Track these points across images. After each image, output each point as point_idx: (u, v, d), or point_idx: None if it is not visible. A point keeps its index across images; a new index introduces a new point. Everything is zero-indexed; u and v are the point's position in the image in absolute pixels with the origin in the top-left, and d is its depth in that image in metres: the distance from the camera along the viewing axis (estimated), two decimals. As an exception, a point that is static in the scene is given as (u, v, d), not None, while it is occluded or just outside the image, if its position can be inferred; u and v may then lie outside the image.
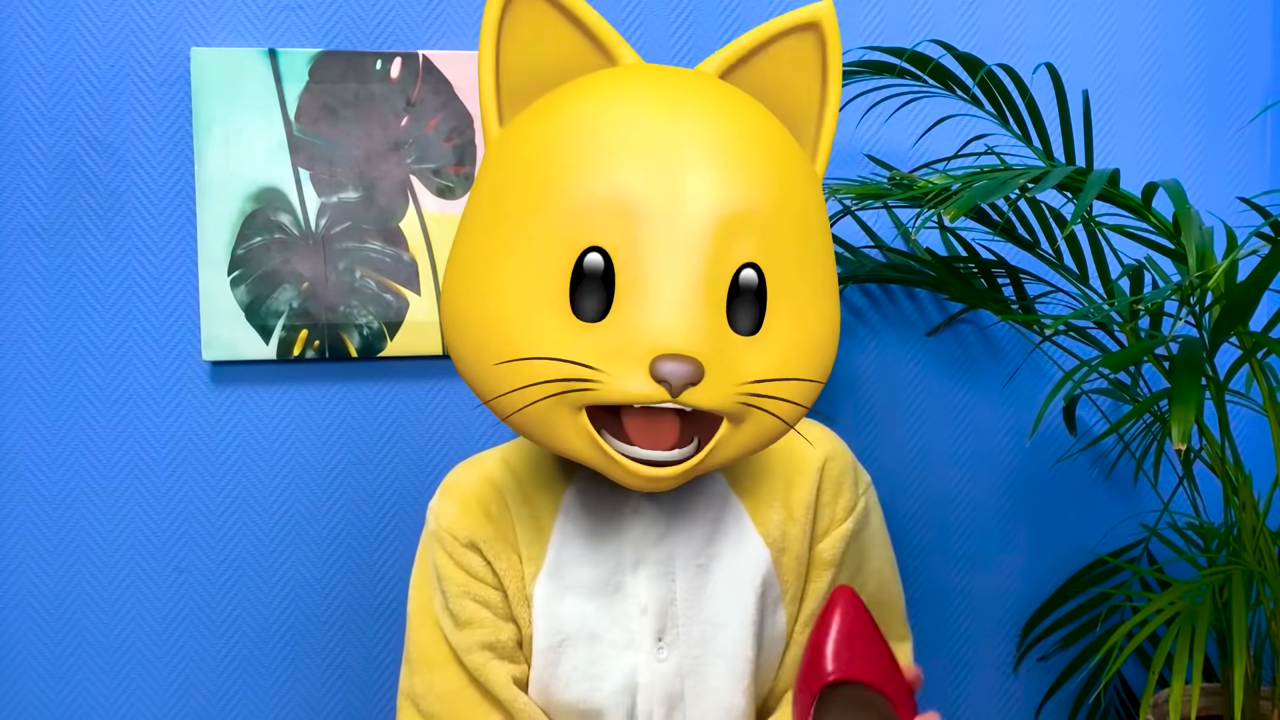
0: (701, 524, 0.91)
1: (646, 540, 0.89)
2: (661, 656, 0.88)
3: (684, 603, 0.89)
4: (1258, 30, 1.49)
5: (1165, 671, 1.40)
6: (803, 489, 0.93)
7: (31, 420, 1.35)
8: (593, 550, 0.90)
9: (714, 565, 0.90)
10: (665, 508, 0.90)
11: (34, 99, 1.32)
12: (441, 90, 1.35)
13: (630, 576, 0.89)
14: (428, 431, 1.40)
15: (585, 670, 0.88)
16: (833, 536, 0.94)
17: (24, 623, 1.36)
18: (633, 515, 0.90)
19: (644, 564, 0.89)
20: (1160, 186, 0.99)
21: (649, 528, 0.90)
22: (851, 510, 0.95)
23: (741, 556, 0.91)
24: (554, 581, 0.90)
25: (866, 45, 1.40)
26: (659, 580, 0.89)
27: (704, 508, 0.91)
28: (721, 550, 0.91)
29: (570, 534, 0.91)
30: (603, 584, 0.89)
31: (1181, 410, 0.88)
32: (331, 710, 1.40)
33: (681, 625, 0.89)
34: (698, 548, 0.90)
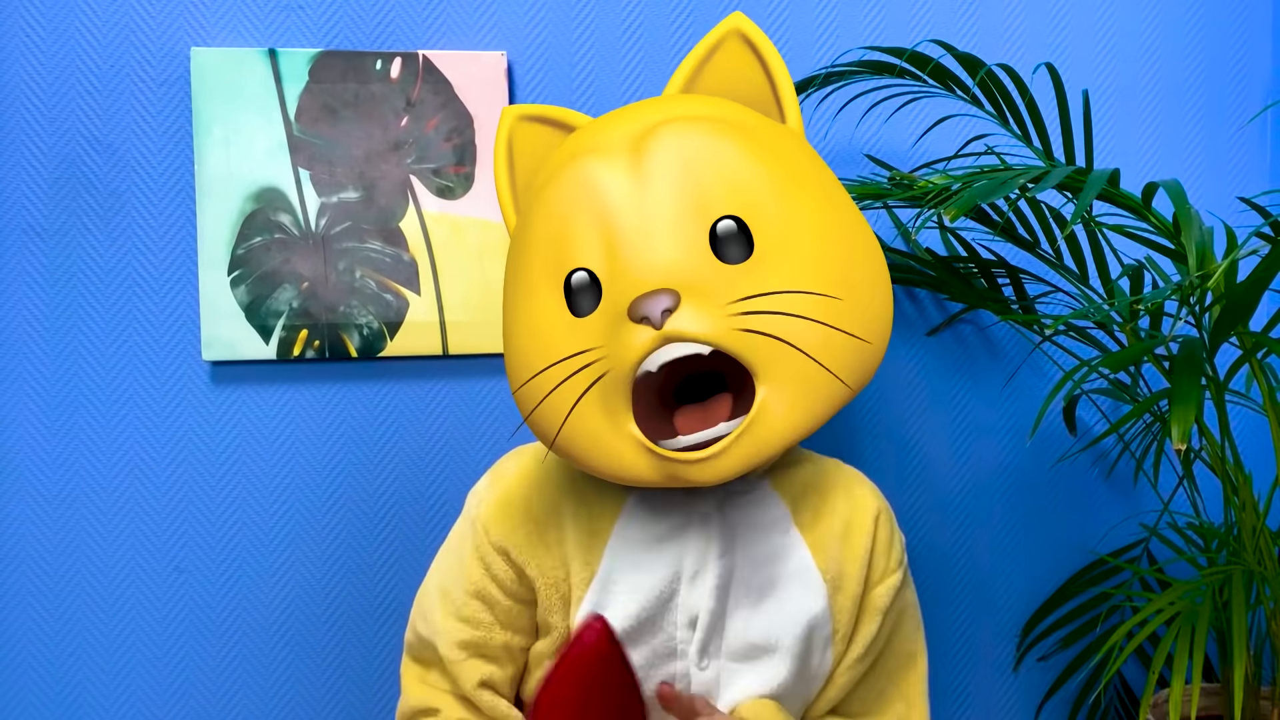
0: (764, 545, 0.92)
1: (711, 552, 0.90)
2: (703, 665, 0.90)
3: (734, 618, 0.90)
4: (1258, 30, 1.49)
5: (1165, 671, 1.40)
6: (861, 533, 0.95)
7: (31, 420, 1.34)
8: (652, 558, 0.90)
9: (770, 590, 0.91)
10: (730, 522, 0.91)
11: (34, 99, 1.32)
12: (441, 90, 1.35)
13: (686, 586, 0.90)
14: (428, 431, 1.40)
15: None
16: (886, 585, 0.96)
17: (24, 623, 1.36)
18: (699, 525, 0.91)
19: (704, 576, 0.90)
20: (1160, 186, 0.99)
21: (714, 540, 0.90)
22: (900, 564, 0.98)
23: (797, 585, 0.92)
24: (606, 589, 0.90)
25: (866, 45, 1.40)
26: (712, 594, 0.89)
27: (766, 533, 0.92)
28: (780, 576, 0.92)
29: (628, 541, 0.91)
30: (659, 592, 0.90)
31: (1181, 410, 0.88)
32: (331, 710, 1.40)
33: (728, 640, 0.90)
34: (755, 567, 0.91)
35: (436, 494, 1.40)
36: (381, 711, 1.41)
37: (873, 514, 0.96)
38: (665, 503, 0.92)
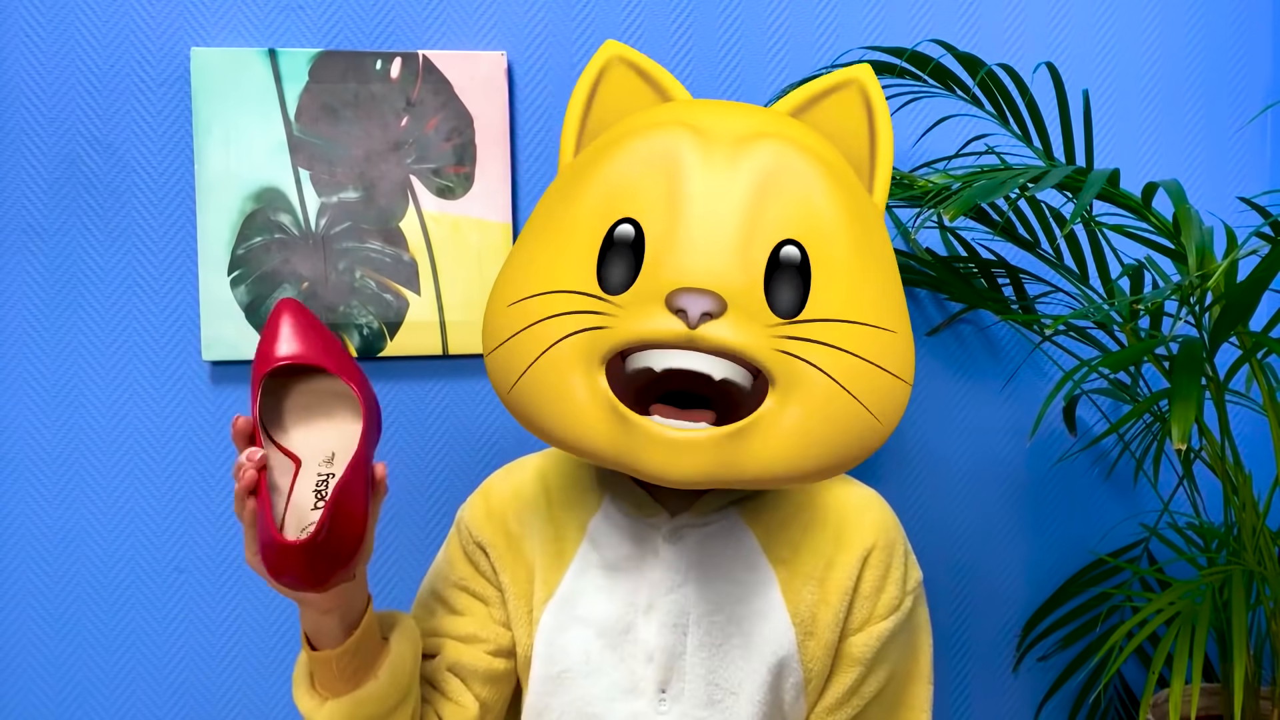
0: (725, 582, 0.86)
1: (663, 586, 0.85)
2: (663, 709, 0.84)
3: (693, 658, 0.85)
4: (1258, 30, 1.49)
5: (1165, 671, 1.40)
6: (842, 573, 0.86)
7: (31, 420, 1.34)
8: (609, 585, 0.87)
9: (729, 628, 0.85)
10: (690, 556, 0.86)
11: (34, 99, 1.32)
12: (441, 90, 1.35)
13: (642, 619, 0.85)
14: (428, 431, 1.40)
15: (581, 709, 0.86)
16: (867, 633, 0.87)
17: (24, 623, 1.36)
18: (653, 557, 0.86)
19: (655, 610, 0.85)
20: (1160, 186, 0.99)
21: (668, 573, 0.85)
22: (895, 609, 0.88)
23: (763, 627, 0.85)
24: (564, 611, 0.88)
25: (867, 45, 1.40)
26: (669, 630, 0.85)
27: (730, 566, 0.86)
28: (741, 615, 0.85)
29: (590, 564, 0.88)
30: (614, 622, 0.86)
31: (1182, 410, 0.89)
32: (331, 710, 1.40)
33: (688, 681, 0.85)
34: (715, 604, 0.85)
35: (436, 494, 1.40)
36: (381, 711, 1.41)
37: (861, 550, 0.87)
38: (627, 527, 0.88)
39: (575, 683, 0.86)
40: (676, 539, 0.86)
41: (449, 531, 1.01)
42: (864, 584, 0.87)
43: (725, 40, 1.41)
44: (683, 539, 0.86)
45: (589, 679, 0.86)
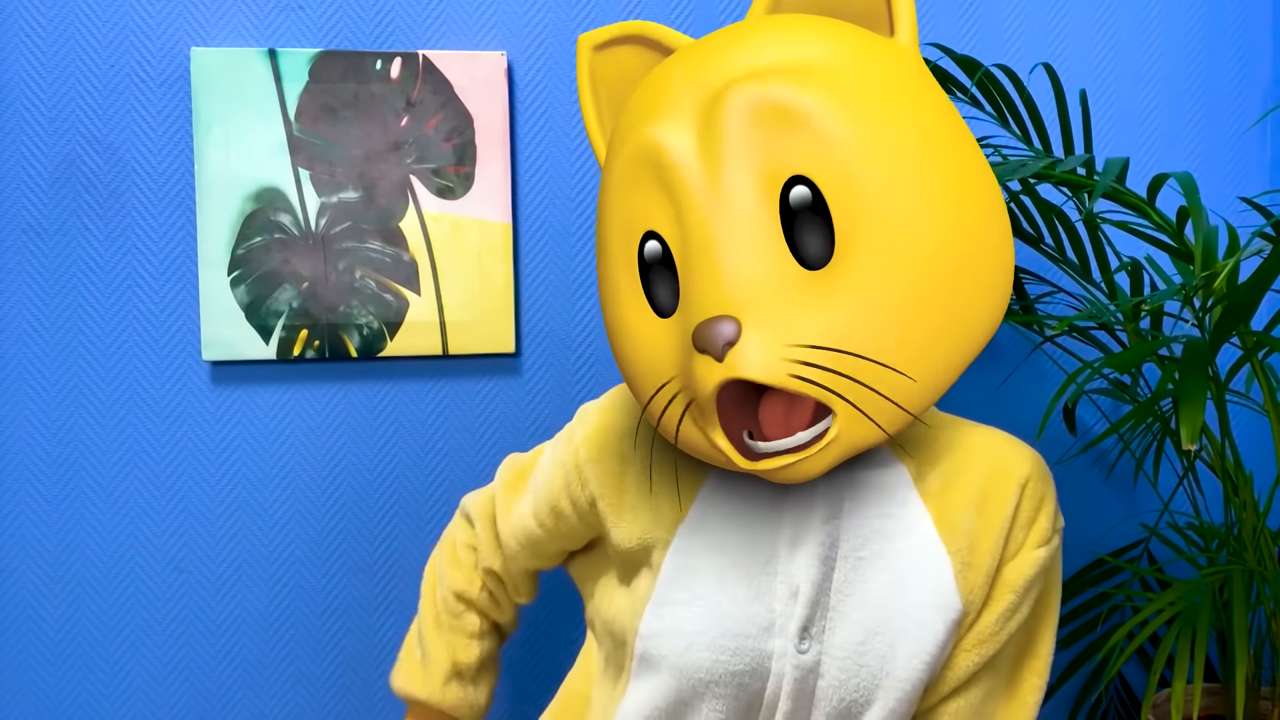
0: (874, 515, 0.82)
1: (814, 517, 0.81)
2: (803, 648, 0.79)
3: (838, 595, 0.80)
4: (1258, 30, 1.49)
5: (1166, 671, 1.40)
6: (1002, 502, 0.83)
7: (31, 420, 1.34)
8: (748, 513, 0.82)
9: (878, 563, 0.81)
10: (840, 489, 0.82)
11: (34, 99, 1.32)
12: (441, 90, 1.34)
13: (785, 552, 0.81)
14: (428, 431, 1.40)
15: (713, 640, 0.80)
16: (1022, 559, 0.83)
17: (24, 623, 1.35)
18: (804, 486, 0.82)
19: (804, 543, 0.81)
20: (1171, 177, 0.99)
21: (818, 504, 0.81)
22: (1046, 541, 0.84)
23: (914, 561, 0.81)
24: (695, 537, 0.83)
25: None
26: (818, 564, 0.80)
27: (880, 499, 0.82)
28: (889, 550, 0.81)
29: (724, 489, 0.84)
30: (751, 553, 0.81)
31: (1190, 411, 0.88)
32: (332, 710, 1.40)
33: (831, 619, 0.80)
34: (864, 539, 0.81)
35: (436, 494, 1.40)
36: (382, 711, 1.41)
37: (1019, 479, 0.83)
38: None
39: (706, 612, 0.80)
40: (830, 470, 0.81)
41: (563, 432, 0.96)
42: (1022, 512, 0.83)
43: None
44: (835, 470, 0.83)
45: (722, 612, 0.80)
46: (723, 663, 0.79)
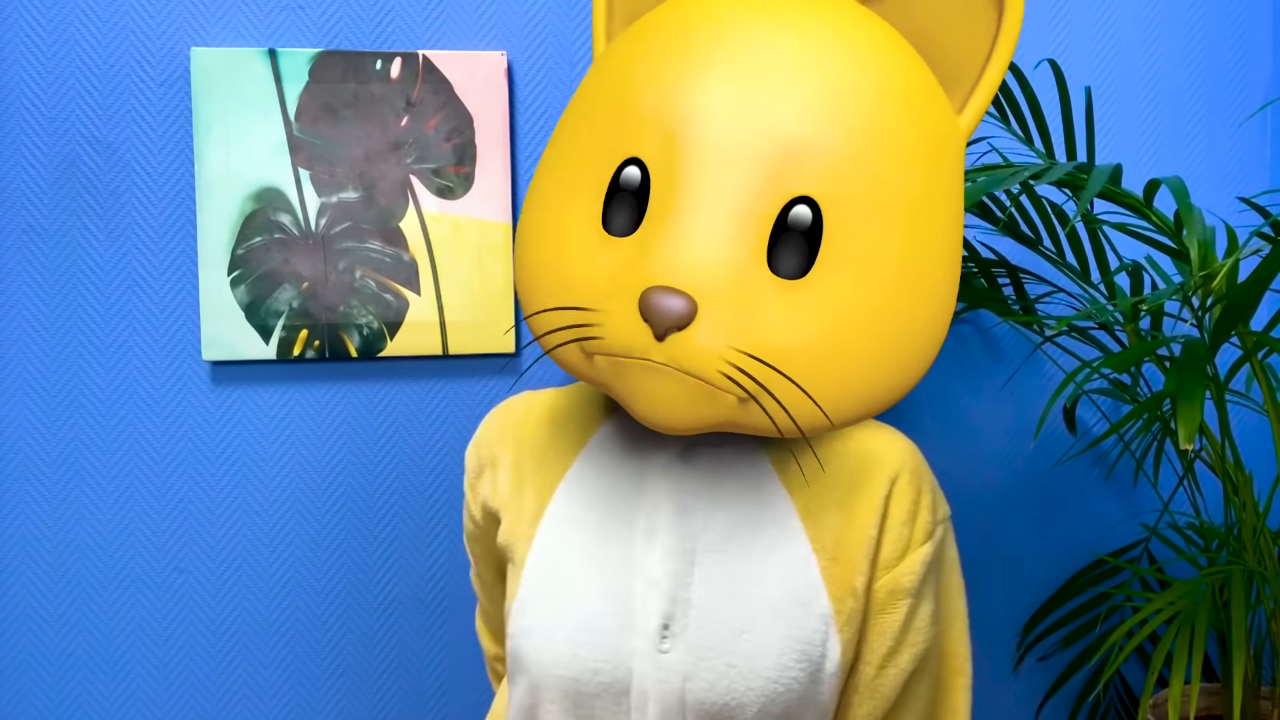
0: (739, 508, 0.78)
1: (666, 508, 0.78)
2: (664, 647, 0.75)
3: (700, 589, 0.76)
4: (1257, 30, 1.49)
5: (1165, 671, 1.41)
6: (870, 499, 0.80)
7: (31, 420, 1.34)
8: (606, 505, 0.79)
9: (742, 557, 0.77)
10: (700, 478, 0.79)
11: (34, 99, 1.32)
12: (441, 90, 1.34)
13: (643, 544, 0.78)
14: (428, 431, 1.40)
15: (569, 638, 0.77)
16: (910, 560, 0.80)
17: (24, 623, 1.35)
18: (661, 475, 0.79)
19: (658, 534, 0.77)
20: (1163, 183, 0.99)
21: (673, 494, 0.78)
22: (929, 536, 0.81)
23: (778, 555, 0.77)
24: (555, 530, 0.80)
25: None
26: (674, 557, 0.76)
27: (740, 492, 0.79)
28: (752, 543, 0.77)
29: (586, 480, 0.81)
30: (608, 547, 0.78)
31: (1187, 411, 0.88)
32: (332, 710, 1.40)
33: (693, 615, 0.76)
34: (725, 532, 0.78)
35: (436, 494, 1.40)
36: (382, 711, 1.41)
37: (887, 475, 0.80)
38: (632, 445, 0.81)
39: (566, 606, 0.78)
40: (688, 459, 0.80)
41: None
42: (896, 509, 0.80)
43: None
44: (694, 460, 0.80)
45: (583, 609, 0.77)
46: (581, 659, 0.76)
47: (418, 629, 1.41)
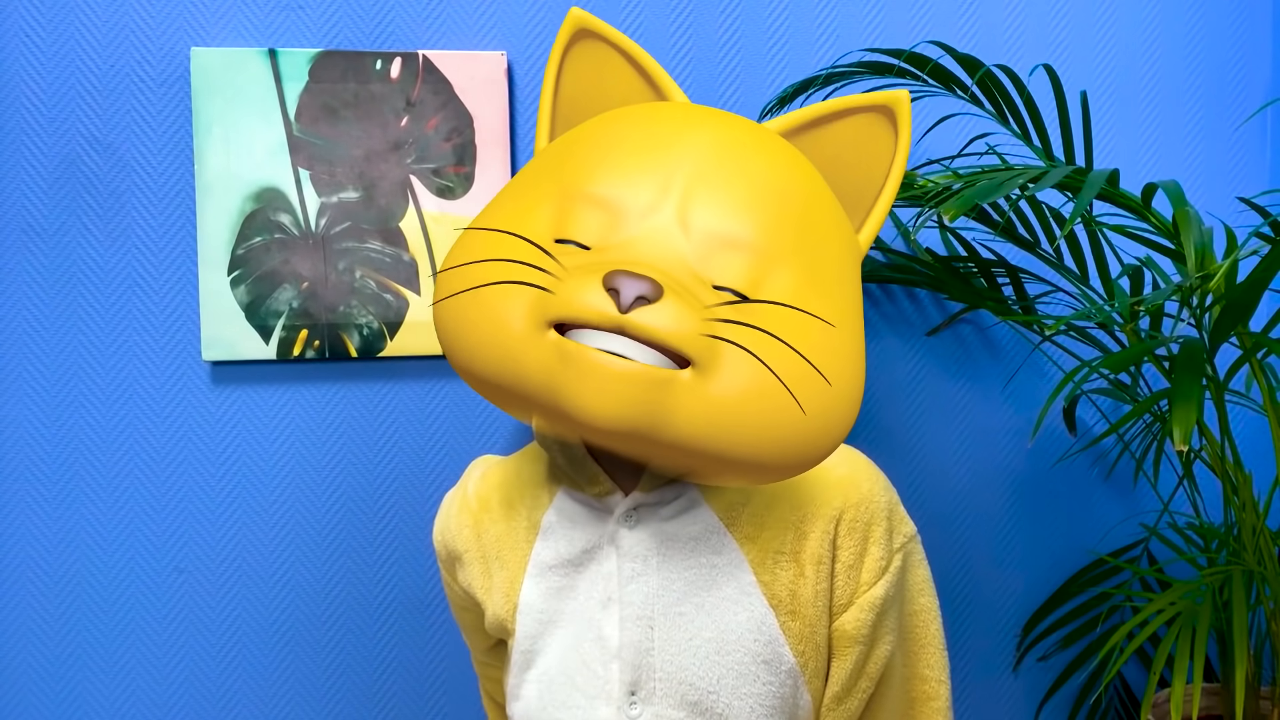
0: (687, 568, 0.79)
1: (619, 577, 0.79)
2: (634, 712, 0.77)
3: (662, 655, 0.77)
4: (1257, 30, 1.49)
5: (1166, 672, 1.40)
6: (815, 542, 0.80)
7: (31, 420, 1.34)
8: (568, 581, 0.81)
9: (700, 618, 0.78)
10: (649, 542, 0.80)
11: (34, 99, 1.32)
12: (441, 90, 1.34)
13: (601, 615, 0.79)
14: (428, 431, 1.40)
15: (551, 714, 0.80)
16: (859, 606, 0.80)
17: (24, 623, 1.36)
18: (610, 546, 0.80)
19: (615, 603, 0.79)
20: (1160, 187, 0.99)
21: (624, 563, 0.79)
22: (884, 571, 0.81)
23: (737, 614, 0.78)
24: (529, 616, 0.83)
25: (866, 46, 1.40)
26: (632, 625, 0.78)
27: (691, 550, 0.80)
28: (709, 602, 0.78)
29: (545, 563, 0.83)
30: (575, 620, 0.80)
31: (1183, 411, 0.88)
32: (332, 710, 1.40)
33: (659, 680, 0.77)
34: (680, 593, 0.78)
35: (436, 494, 1.40)
36: (382, 711, 1.41)
37: (830, 515, 0.80)
38: (581, 519, 0.82)
39: (545, 683, 0.81)
40: (635, 523, 0.80)
41: None
42: (843, 553, 0.80)
43: (725, 41, 1.41)
44: (642, 523, 0.80)
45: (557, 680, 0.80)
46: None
47: (418, 629, 1.41)
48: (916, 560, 0.85)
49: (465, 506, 0.90)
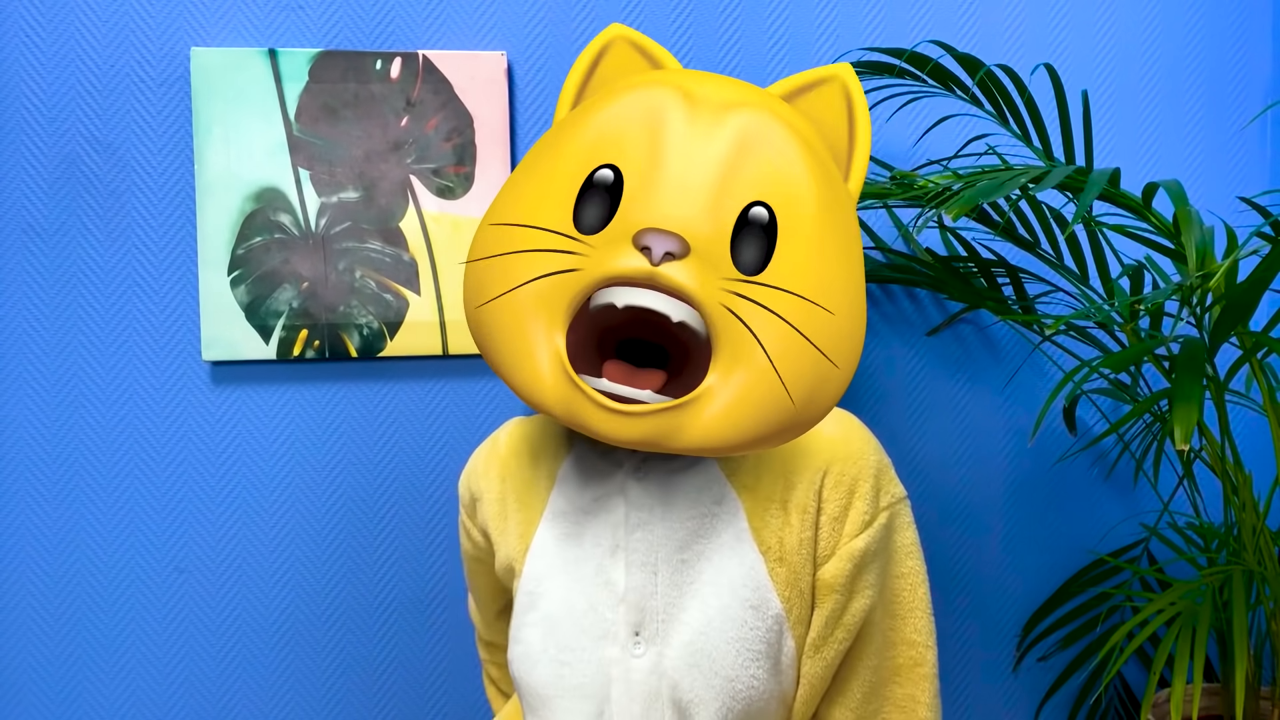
0: (689, 517, 0.84)
1: (626, 525, 0.84)
2: (638, 652, 0.82)
3: (664, 598, 0.83)
4: (1258, 31, 1.49)
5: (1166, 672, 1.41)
6: (802, 492, 0.85)
7: (31, 420, 1.34)
8: (578, 529, 0.86)
9: (699, 564, 0.83)
10: (653, 493, 0.85)
11: (34, 99, 1.32)
12: (441, 90, 1.34)
13: (609, 561, 0.84)
14: (428, 431, 1.40)
15: (555, 655, 0.84)
16: (839, 556, 0.84)
17: (24, 623, 1.36)
18: (618, 496, 0.86)
19: (621, 550, 0.84)
20: (1161, 186, 0.99)
21: (631, 512, 0.85)
22: (866, 526, 0.85)
23: (730, 560, 0.83)
24: (539, 560, 0.87)
25: (866, 46, 1.40)
26: (638, 570, 0.83)
27: (694, 500, 0.85)
28: (708, 549, 0.84)
29: (559, 510, 0.88)
30: (583, 565, 0.85)
31: (1184, 410, 0.88)
32: (331, 710, 1.40)
33: (661, 622, 0.83)
34: (682, 541, 0.84)
35: (436, 494, 1.40)
36: (382, 711, 1.41)
37: (819, 466, 0.85)
38: (594, 472, 0.87)
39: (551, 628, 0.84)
40: (642, 475, 0.86)
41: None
42: (828, 504, 0.85)
43: (725, 40, 1.41)
44: (648, 475, 0.85)
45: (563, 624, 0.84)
46: (563, 676, 0.83)
47: (418, 629, 1.41)
48: (904, 523, 0.89)
49: (494, 454, 0.95)
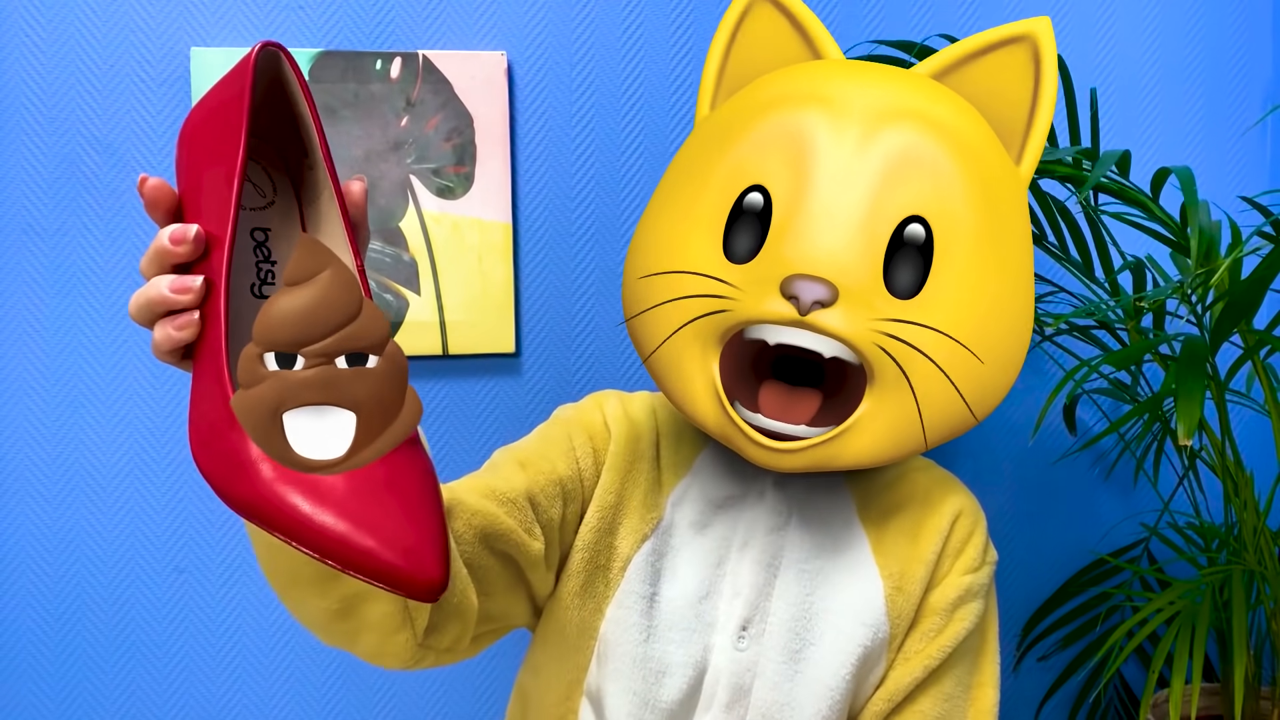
0: (819, 534, 0.87)
1: (761, 525, 0.87)
2: (741, 646, 0.85)
3: (780, 601, 0.85)
4: (1259, 30, 1.49)
5: (1165, 671, 1.40)
6: (933, 532, 0.88)
7: (31, 420, 1.34)
8: (708, 518, 0.88)
9: (820, 579, 0.86)
10: (789, 502, 0.88)
11: (34, 99, 1.32)
12: (441, 90, 1.35)
13: (735, 554, 0.87)
14: (427, 431, 1.40)
15: (664, 633, 0.85)
16: (947, 584, 0.87)
17: (24, 623, 1.35)
18: (757, 498, 0.88)
19: (751, 547, 0.86)
20: (1172, 171, 0.99)
21: (768, 515, 0.87)
22: (974, 569, 0.88)
23: (852, 580, 0.86)
24: (665, 538, 0.88)
25: (873, 40, 1.40)
26: (761, 569, 0.86)
27: (826, 519, 0.88)
28: (833, 568, 0.86)
29: (693, 496, 0.89)
30: (708, 554, 0.87)
31: (1187, 407, 0.89)
32: (331, 710, 1.40)
33: (770, 623, 0.85)
34: (810, 552, 0.87)
35: (437, 494, 1.40)
36: (382, 711, 1.41)
37: (951, 513, 0.89)
38: (733, 468, 0.89)
39: (661, 607, 0.85)
40: (784, 483, 0.88)
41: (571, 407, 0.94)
42: (951, 542, 0.88)
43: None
44: (789, 484, 0.88)
45: (675, 609, 0.85)
46: (669, 653, 0.84)
47: (418, 629, 1.41)
48: (994, 591, 0.92)
49: (652, 416, 0.94)
